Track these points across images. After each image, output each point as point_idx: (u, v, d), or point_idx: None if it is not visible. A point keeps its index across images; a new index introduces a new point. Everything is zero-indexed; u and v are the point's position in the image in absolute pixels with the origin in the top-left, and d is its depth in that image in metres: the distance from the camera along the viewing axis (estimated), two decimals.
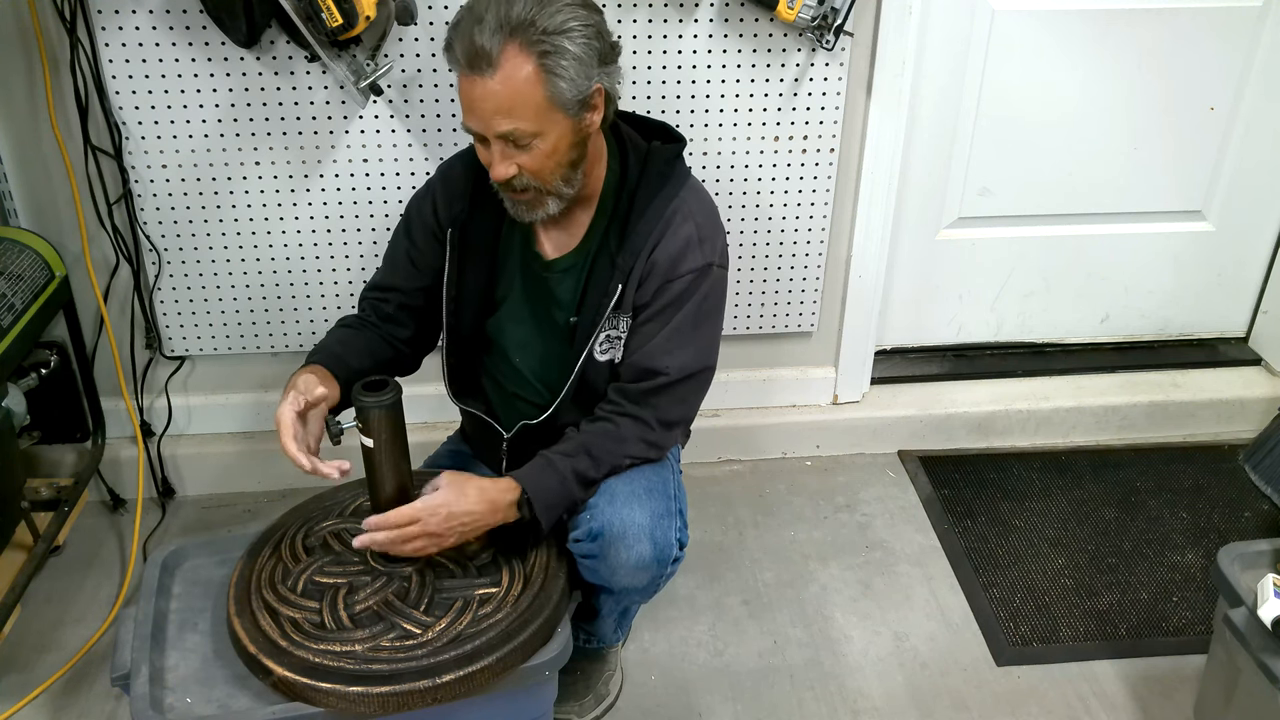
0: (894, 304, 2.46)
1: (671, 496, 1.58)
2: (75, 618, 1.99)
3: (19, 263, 1.92)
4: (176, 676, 1.35)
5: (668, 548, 1.53)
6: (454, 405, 1.70)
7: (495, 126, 1.36)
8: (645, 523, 1.50)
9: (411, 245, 1.62)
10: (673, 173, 1.52)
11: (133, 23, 1.86)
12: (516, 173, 1.40)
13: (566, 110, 1.38)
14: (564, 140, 1.40)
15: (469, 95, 1.36)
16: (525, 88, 1.34)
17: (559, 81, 1.35)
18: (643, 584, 1.55)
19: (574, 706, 1.77)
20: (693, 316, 1.51)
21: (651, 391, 1.52)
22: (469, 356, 1.66)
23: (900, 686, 1.87)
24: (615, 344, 1.54)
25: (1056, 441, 2.50)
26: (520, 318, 1.61)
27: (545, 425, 1.59)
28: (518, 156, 1.39)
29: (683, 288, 1.50)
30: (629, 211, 1.50)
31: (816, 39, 1.95)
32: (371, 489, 1.40)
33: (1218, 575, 1.59)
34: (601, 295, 1.51)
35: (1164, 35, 2.21)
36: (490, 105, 1.34)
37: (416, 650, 1.31)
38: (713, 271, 1.52)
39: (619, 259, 1.49)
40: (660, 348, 1.51)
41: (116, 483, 2.25)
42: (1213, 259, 2.51)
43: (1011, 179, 2.35)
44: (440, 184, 1.60)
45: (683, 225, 1.49)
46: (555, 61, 1.34)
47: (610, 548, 1.49)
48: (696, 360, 1.54)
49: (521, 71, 1.33)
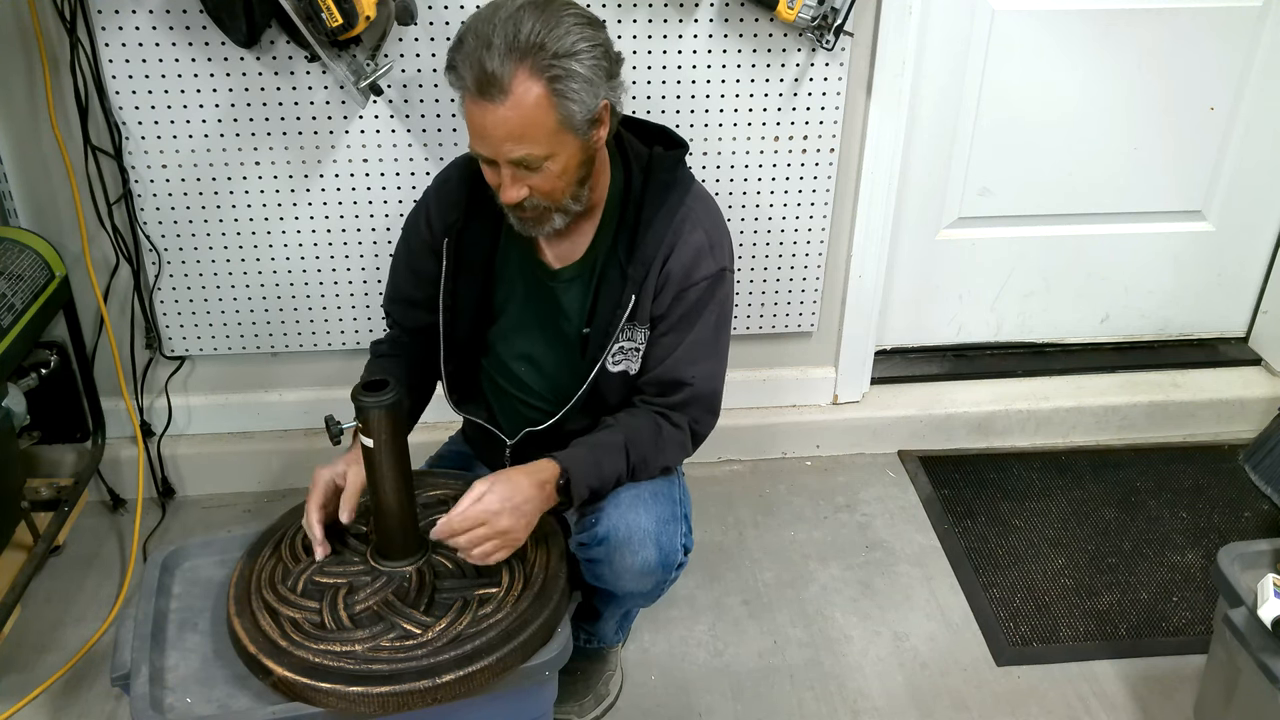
0: (894, 304, 2.46)
1: (677, 501, 1.58)
2: (75, 618, 1.99)
3: (19, 263, 1.92)
4: (176, 676, 1.35)
5: (673, 553, 1.53)
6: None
7: (507, 154, 1.34)
8: (651, 528, 1.50)
9: (412, 258, 1.62)
10: (676, 180, 1.51)
11: (133, 23, 1.86)
12: (528, 195, 1.39)
13: (576, 132, 1.36)
14: (573, 160, 1.39)
15: (479, 122, 1.33)
16: (537, 114, 1.32)
17: (569, 104, 1.33)
18: (647, 589, 1.55)
19: (574, 706, 1.77)
20: (713, 325, 1.52)
21: (686, 403, 1.53)
22: (468, 364, 1.66)
23: (900, 686, 1.87)
24: (631, 356, 1.53)
25: (1056, 441, 2.50)
26: (525, 327, 1.60)
27: (550, 432, 1.59)
28: (529, 179, 1.38)
29: (698, 295, 1.50)
30: (636, 221, 1.49)
31: (816, 39, 1.95)
32: (372, 489, 1.40)
33: (1218, 575, 1.59)
34: (614, 306, 1.50)
35: (1164, 35, 2.21)
36: (502, 132, 1.32)
37: (416, 650, 1.30)
38: (725, 277, 1.52)
39: (630, 269, 1.48)
40: (681, 359, 1.51)
41: (116, 483, 2.25)
42: (1213, 259, 2.51)
43: (1011, 179, 2.35)
44: (435, 196, 1.59)
45: (693, 234, 1.49)
46: (566, 85, 1.32)
47: (615, 552, 1.49)
48: (719, 367, 1.56)
49: (532, 97, 1.31)
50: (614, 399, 1.57)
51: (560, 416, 1.58)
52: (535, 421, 1.61)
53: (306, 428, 2.30)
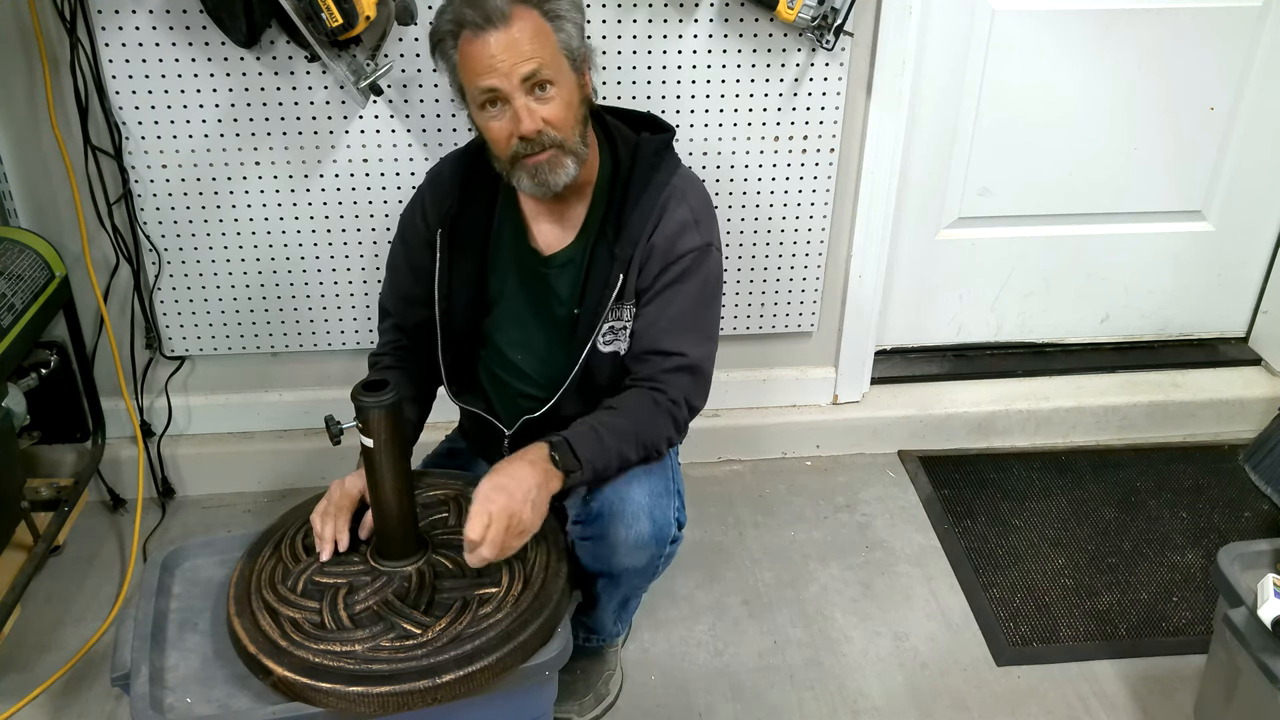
0: (894, 304, 2.46)
1: (669, 477, 1.59)
2: (75, 618, 1.99)
3: (19, 263, 1.92)
4: (176, 676, 1.35)
5: (666, 526, 1.54)
6: (451, 404, 1.71)
7: (520, 70, 1.39)
8: (644, 501, 1.51)
9: (410, 254, 1.64)
10: (663, 162, 1.55)
11: (133, 23, 1.86)
12: (544, 126, 1.42)
13: (572, 62, 1.45)
14: (574, 95, 1.46)
15: (485, 53, 1.39)
16: (540, 34, 1.41)
17: (566, 26, 1.43)
18: (642, 564, 1.55)
19: (574, 706, 1.77)
20: (696, 299, 1.54)
21: (675, 371, 1.53)
22: (465, 355, 1.67)
23: (900, 686, 1.87)
24: (620, 335, 1.55)
25: (1056, 441, 2.50)
26: (519, 314, 1.62)
27: (547, 418, 1.60)
28: (542, 109, 1.42)
29: (683, 268, 1.52)
30: (623, 202, 1.52)
31: (816, 39, 1.95)
32: (371, 490, 1.40)
33: (1218, 575, 1.59)
34: (603, 287, 1.52)
35: (1164, 35, 2.21)
36: (512, 51, 1.39)
37: (416, 650, 1.30)
38: (711, 253, 1.54)
39: (617, 249, 1.51)
40: (668, 330, 1.53)
41: (116, 483, 2.25)
42: (1213, 259, 2.51)
43: (1011, 179, 2.35)
44: (429, 188, 1.63)
45: (677, 209, 1.52)
46: (556, 8, 1.42)
47: (609, 526, 1.50)
48: (707, 342, 1.57)
49: (532, 20, 1.40)
50: (606, 380, 1.58)
51: (555, 401, 1.58)
52: (532, 410, 1.61)
53: (306, 428, 2.30)
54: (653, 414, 1.52)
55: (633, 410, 1.52)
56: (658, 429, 1.53)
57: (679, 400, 1.54)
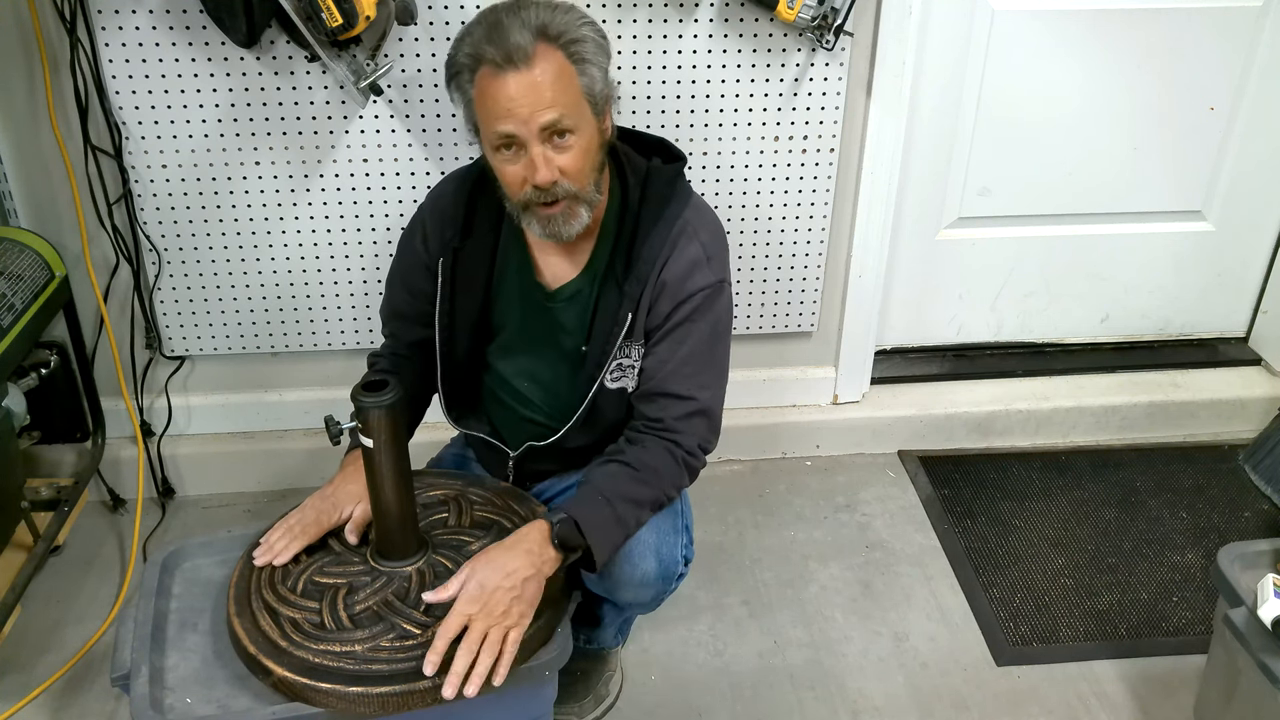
0: (894, 304, 2.46)
1: (678, 513, 1.57)
2: (75, 618, 1.99)
3: (19, 263, 1.92)
4: (176, 676, 1.35)
5: (673, 565, 1.53)
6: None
7: (540, 118, 1.33)
8: (652, 540, 1.49)
9: (407, 275, 1.60)
10: (674, 193, 1.49)
11: (133, 23, 1.86)
12: (559, 176, 1.37)
13: (594, 106, 1.39)
14: (593, 141, 1.40)
15: (504, 94, 1.33)
16: (563, 77, 1.35)
17: (590, 69, 1.37)
18: (646, 599, 1.55)
19: (574, 707, 1.77)
20: (708, 339, 1.49)
21: (688, 417, 1.49)
22: (466, 381, 1.64)
23: (900, 687, 1.87)
24: (627, 372, 1.51)
25: (1056, 441, 2.50)
26: (524, 346, 1.58)
27: (552, 446, 1.58)
28: (559, 158, 1.37)
29: (694, 307, 1.47)
30: (633, 235, 1.47)
31: (816, 39, 1.95)
32: (371, 490, 1.40)
33: (1218, 575, 1.59)
34: (611, 324, 1.48)
35: (1164, 35, 2.21)
36: (533, 96, 1.33)
37: (416, 650, 1.30)
38: (723, 290, 1.50)
39: (626, 286, 1.46)
40: (679, 372, 1.48)
41: (116, 483, 2.25)
42: (1213, 259, 2.51)
43: (1011, 179, 2.35)
44: (430, 213, 1.57)
45: (689, 245, 1.47)
46: (581, 51, 1.36)
47: (615, 564, 1.48)
48: (718, 382, 1.53)
49: (556, 63, 1.34)
50: (613, 415, 1.55)
51: (563, 434, 1.56)
52: (537, 435, 1.60)
53: (306, 428, 2.30)
54: (671, 470, 1.48)
55: (651, 467, 1.46)
56: (674, 483, 1.50)
57: (694, 450, 1.50)
